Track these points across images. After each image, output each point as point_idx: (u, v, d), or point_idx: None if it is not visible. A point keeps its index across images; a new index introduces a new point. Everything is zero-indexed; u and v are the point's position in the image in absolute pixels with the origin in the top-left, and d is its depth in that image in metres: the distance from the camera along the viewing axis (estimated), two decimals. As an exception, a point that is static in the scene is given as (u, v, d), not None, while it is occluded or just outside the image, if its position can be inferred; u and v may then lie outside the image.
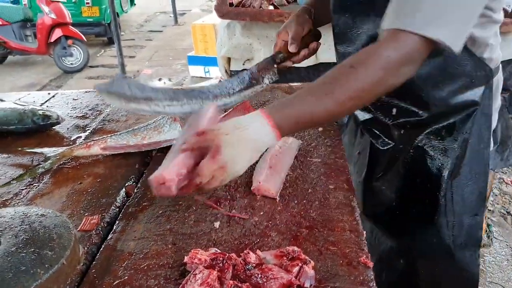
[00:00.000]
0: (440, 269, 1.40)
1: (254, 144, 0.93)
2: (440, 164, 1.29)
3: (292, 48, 1.36)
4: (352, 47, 1.29)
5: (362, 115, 1.39)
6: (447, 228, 1.34)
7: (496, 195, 3.46)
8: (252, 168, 1.25)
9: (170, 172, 0.88)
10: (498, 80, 1.28)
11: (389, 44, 0.96)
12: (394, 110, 1.29)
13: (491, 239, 2.97)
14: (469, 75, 1.18)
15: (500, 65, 1.28)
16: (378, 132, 1.41)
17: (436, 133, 1.26)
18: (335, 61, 1.45)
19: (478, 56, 1.18)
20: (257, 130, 0.92)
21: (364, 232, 1.00)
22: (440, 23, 0.93)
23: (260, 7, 3.28)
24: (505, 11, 3.13)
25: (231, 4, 3.34)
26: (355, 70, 0.95)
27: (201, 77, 6.82)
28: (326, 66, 1.48)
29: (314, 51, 1.43)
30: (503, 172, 3.73)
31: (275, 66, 1.36)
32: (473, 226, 1.37)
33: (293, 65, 1.43)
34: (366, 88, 0.96)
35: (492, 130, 1.32)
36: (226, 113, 1.48)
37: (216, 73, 6.26)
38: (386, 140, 1.39)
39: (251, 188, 1.17)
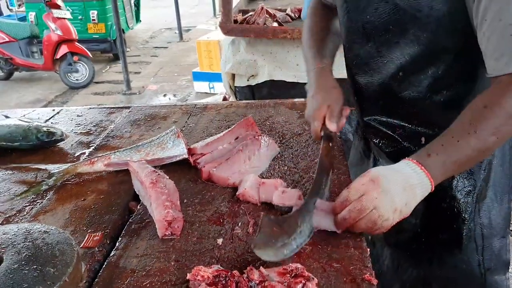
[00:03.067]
0: None
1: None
2: (466, 188, 1.27)
3: (332, 127, 1.27)
4: (377, 76, 1.27)
5: (386, 146, 1.35)
6: (477, 253, 1.31)
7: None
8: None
9: None
10: None
11: None
12: (423, 139, 1.26)
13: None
14: None
15: None
16: None
17: None
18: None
19: None
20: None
21: (368, 249, 0.99)
22: None
23: (265, 24, 3.30)
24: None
25: (235, 21, 3.36)
26: (491, 109, 0.99)
27: (206, 93, 6.87)
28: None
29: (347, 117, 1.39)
30: None
31: (330, 145, 1.28)
32: (501, 249, 1.34)
33: (298, 82, 1.40)
34: (504, 123, 0.99)
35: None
36: (229, 129, 1.48)
37: (220, 89, 6.30)
38: None
39: (236, 194, 1.21)
